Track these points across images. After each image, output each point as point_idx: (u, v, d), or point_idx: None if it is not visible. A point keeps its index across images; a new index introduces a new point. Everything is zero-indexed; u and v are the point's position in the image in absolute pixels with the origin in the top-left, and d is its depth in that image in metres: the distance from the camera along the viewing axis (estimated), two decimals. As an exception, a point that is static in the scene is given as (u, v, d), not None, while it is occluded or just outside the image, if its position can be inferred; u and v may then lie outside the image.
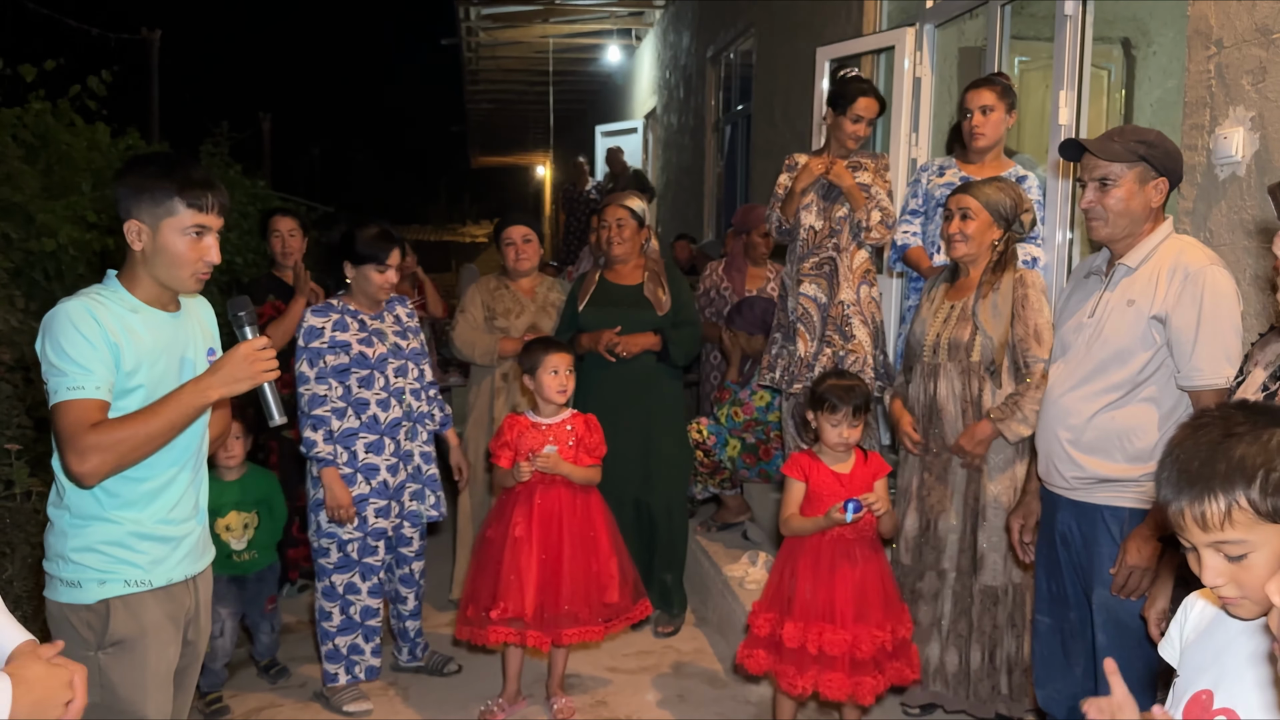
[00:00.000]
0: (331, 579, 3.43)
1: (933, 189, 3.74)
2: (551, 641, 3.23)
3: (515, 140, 20.13)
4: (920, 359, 3.09)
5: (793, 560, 2.96)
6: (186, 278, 2.10)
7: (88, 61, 6.14)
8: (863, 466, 2.97)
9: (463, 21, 10.55)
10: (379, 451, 3.41)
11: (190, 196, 2.05)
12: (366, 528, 3.40)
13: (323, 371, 3.37)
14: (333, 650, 3.46)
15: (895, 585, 3.00)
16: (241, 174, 8.27)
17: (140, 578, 2.06)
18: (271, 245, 4.51)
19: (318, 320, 3.40)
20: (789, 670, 2.87)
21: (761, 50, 7.06)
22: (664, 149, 10.51)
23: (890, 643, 2.86)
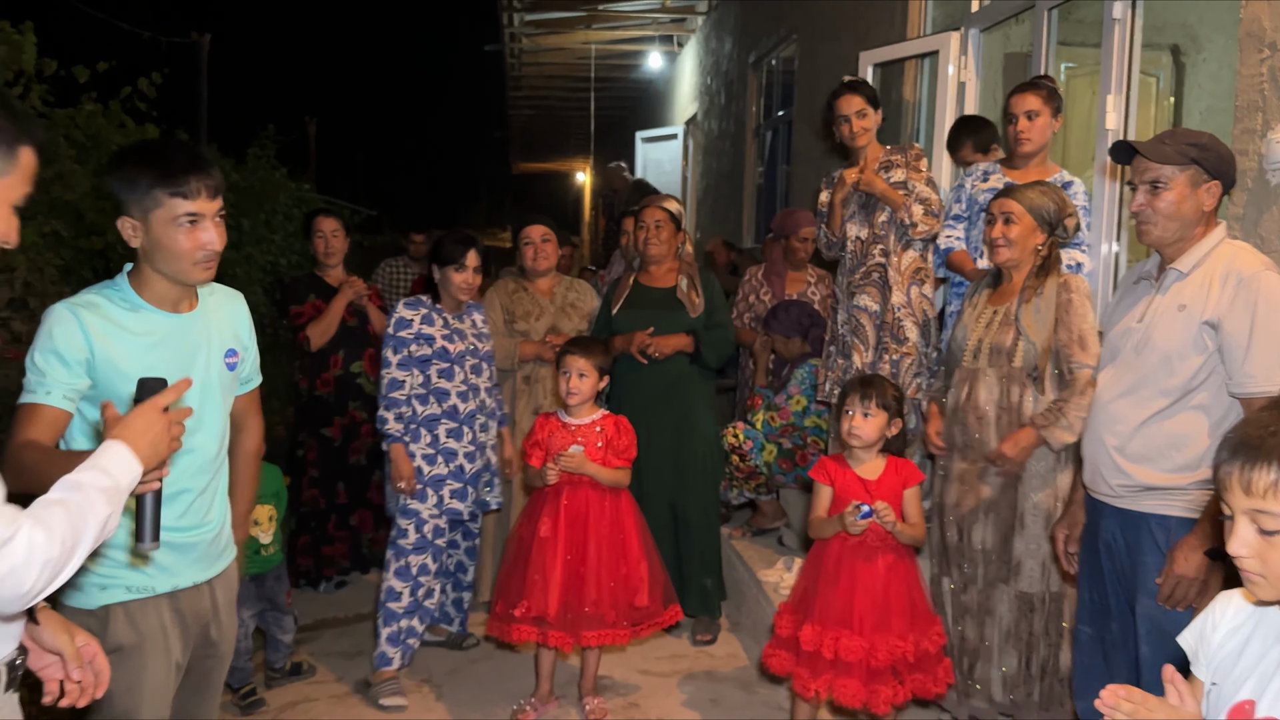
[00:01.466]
0: (408, 559, 3.56)
1: (976, 193, 3.70)
2: (574, 642, 3.24)
3: (556, 146, 20.23)
4: (960, 364, 3.06)
5: (816, 564, 2.95)
6: (189, 269, 1.98)
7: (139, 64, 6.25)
8: (892, 474, 2.94)
9: (506, 28, 10.62)
10: (458, 438, 3.62)
11: (173, 185, 1.91)
12: (443, 506, 3.59)
13: (405, 360, 3.56)
14: (395, 633, 3.54)
15: (925, 596, 2.96)
16: (287, 177, 8.38)
17: (143, 584, 2.01)
18: (314, 245, 4.56)
19: (408, 313, 3.61)
20: (803, 673, 2.86)
21: (803, 55, 7.03)
22: (704, 155, 10.51)
23: (912, 654, 2.82)
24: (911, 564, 2.94)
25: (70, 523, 1.28)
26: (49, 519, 1.27)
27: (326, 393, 4.55)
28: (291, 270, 7.08)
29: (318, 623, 4.21)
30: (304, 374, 4.58)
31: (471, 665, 3.81)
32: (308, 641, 3.99)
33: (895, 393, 2.97)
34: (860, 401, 2.91)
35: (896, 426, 2.95)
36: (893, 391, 2.97)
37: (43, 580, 1.25)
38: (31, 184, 1.47)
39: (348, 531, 4.63)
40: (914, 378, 3.71)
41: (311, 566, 4.56)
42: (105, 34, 8.50)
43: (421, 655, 3.79)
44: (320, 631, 4.13)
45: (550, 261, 4.22)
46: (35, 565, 1.24)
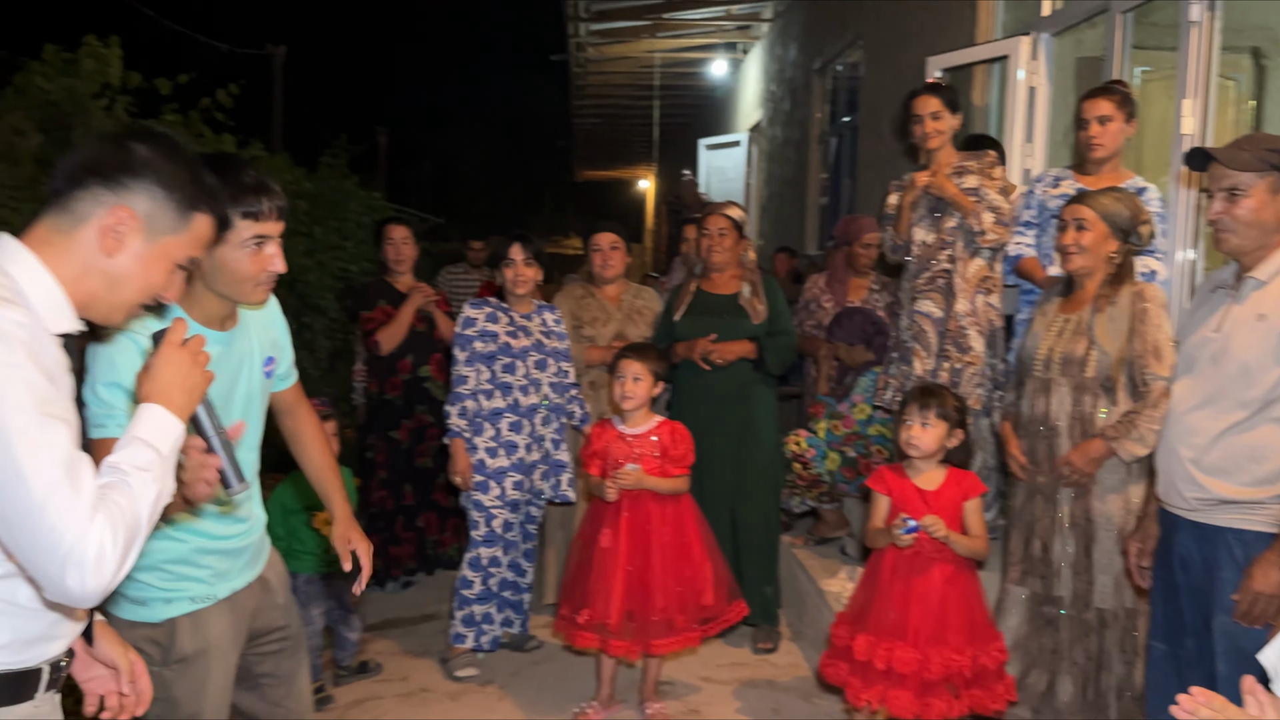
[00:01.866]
0: (479, 551, 3.74)
1: (1047, 200, 3.64)
2: (642, 650, 3.26)
3: (619, 154, 20.33)
4: (1031, 374, 3.01)
5: (873, 574, 2.93)
6: (250, 290, 1.96)
7: (217, 76, 6.44)
8: (952, 485, 2.89)
9: (572, 37, 10.72)
10: (518, 431, 3.77)
11: (245, 205, 1.87)
12: (505, 497, 3.73)
13: (472, 356, 3.72)
14: (468, 615, 3.75)
15: (986, 611, 2.91)
16: (358, 185, 8.57)
17: (205, 593, 2.03)
18: (385, 252, 4.66)
19: (473, 312, 3.79)
20: (855, 683, 2.85)
21: (869, 61, 6.98)
22: (767, 162, 10.48)
23: (969, 668, 2.77)
24: (971, 577, 2.89)
25: (125, 515, 1.30)
26: (111, 511, 1.29)
27: (395, 396, 4.64)
28: (362, 277, 7.22)
29: (385, 622, 4.29)
30: (373, 378, 4.68)
31: (534, 667, 3.85)
32: (375, 640, 4.07)
33: (957, 403, 2.93)
34: (919, 411, 2.88)
35: (957, 438, 2.91)
36: (954, 402, 2.93)
37: (110, 575, 1.28)
38: (202, 250, 1.54)
39: (414, 533, 4.72)
40: (976, 388, 3.65)
41: (380, 566, 4.65)
42: (185, 47, 8.78)
43: (485, 655, 3.84)
44: (387, 630, 4.21)
45: (618, 269, 4.27)
46: (108, 561, 1.27)
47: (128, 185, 1.41)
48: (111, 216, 1.40)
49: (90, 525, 1.25)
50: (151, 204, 1.43)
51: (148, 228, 1.43)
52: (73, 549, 1.24)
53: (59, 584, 1.25)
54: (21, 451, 1.23)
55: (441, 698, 3.60)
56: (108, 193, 1.40)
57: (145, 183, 1.42)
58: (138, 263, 1.44)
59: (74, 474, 1.26)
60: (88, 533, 1.25)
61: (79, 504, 1.25)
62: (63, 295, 1.39)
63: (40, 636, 1.40)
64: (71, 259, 1.40)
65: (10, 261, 1.37)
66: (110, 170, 1.41)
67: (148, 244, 1.44)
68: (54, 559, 1.24)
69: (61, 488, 1.24)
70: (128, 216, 1.41)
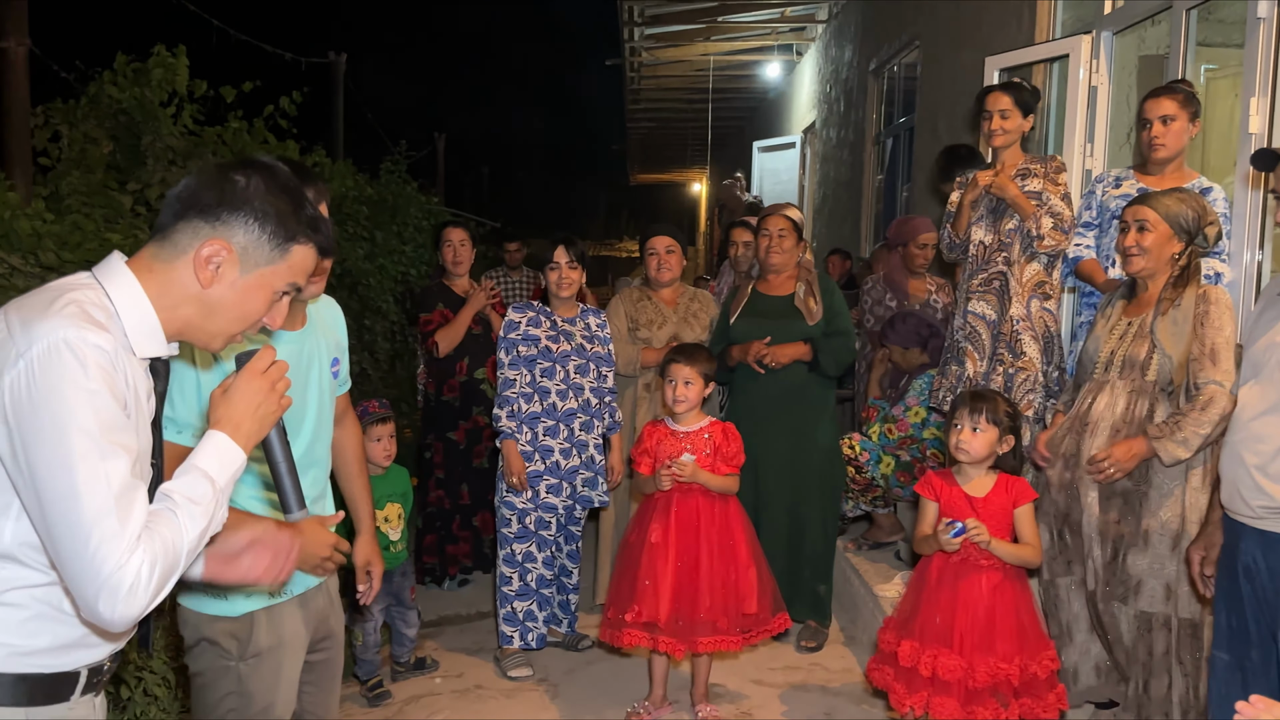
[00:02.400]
0: (512, 547, 3.79)
1: (1108, 201, 3.58)
2: (686, 649, 3.26)
3: (673, 157, 20.39)
4: (1090, 376, 2.97)
5: (920, 580, 2.91)
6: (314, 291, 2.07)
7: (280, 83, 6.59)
8: (1002, 492, 2.85)
9: (627, 42, 10.78)
10: (554, 436, 3.78)
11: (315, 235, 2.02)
12: (539, 500, 3.78)
13: (515, 360, 3.78)
14: (510, 614, 3.79)
15: (1037, 619, 2.86)
16: (417, 191, 8.70)
17: (284, 588, 2.08)
18: (443, 254, 4.74)
19: (516, 315, 3.84)
20: (899, 689, 2.83)
21: (926, 62, 6.92)
22: (822, 163, 10.42)
23: (1018, 677, 2.73)
24: (1022, 585, 2.85)
25: (166, 549, 1.33)
26: (153, 543, 1.32)
27: (452, 398, 4.72)
28: (421, 280, 7.34)
29: (441, 619, 4.36)
30: (431, 379, 4.76)
31: (587, 666, 3.88)
32: (432, 637, 4.14)
33: (1009, 408, 2.89)
34: (969, 416, 2.84)
35: (1008, 444, 2.87)
36: (1006, 407, 2.88)
37: (141, 606, 1.31)
38: (304, 279, 1.55)
39: (470, 531, 4.78)
40: (1028, 393, 3.61)
41: (437, 564, 4.72)
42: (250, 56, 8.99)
43: (538, 655, 3.89)
44: (443, 628, 4.28)
45: (674, 272, 4.28)
46: (141, 593, 1.30)
47: (224, 219, 1.44)
48: (207, 249, 1.43)
49: (130, 557, 1.28)
50: (247, 237, 1.46)
51: (243, 259, 1.46)
52: (109, 578, 1.27)
53: (91, 607, 1.29)
54: (80, 475, 1.27)
55: (496, 695, 3.65)
56: (205, 225, 1.44)
57: (242, 216, 1.45)
58: (234, 293, 1.46)
59: (125, 505, 1.30)
60: (126, 564, 1.28)
61: (123, 535, 1.28)
62: (156, 321, 1.43)
63: (79, 643, 1.44)
64: (171, 288, 1.44)
65: (112, 283, 1.42)
66: (208, 204, 1.44)
67: (244, 275, 1.46)
68: (91, 583, 1.28)
69: (109, 517, 1.28)
70: (222, 249, 1.44)
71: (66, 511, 1.27)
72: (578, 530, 3.98)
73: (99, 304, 1.38)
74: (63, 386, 1.28)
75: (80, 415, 1.28)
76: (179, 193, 1.46)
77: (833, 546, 4.11)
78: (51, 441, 1.27)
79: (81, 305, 1.35)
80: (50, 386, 1.28)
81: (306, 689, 2.25)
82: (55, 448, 1.27)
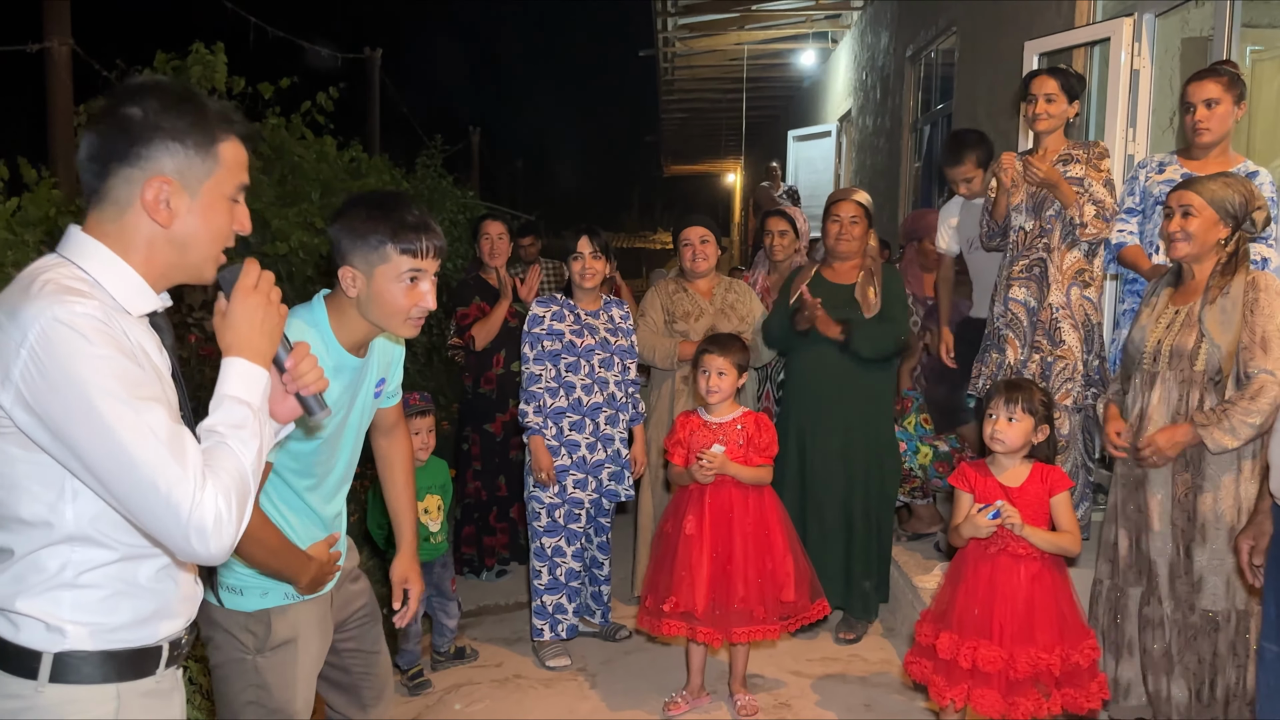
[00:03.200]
0: (541, 540, 3.81)
1: (1151, 186, 3.52)
2: (723, 638, 3.27)
3: (707, 148, 20.31)
4: (1139, 367, 2.92)
5: (957, 571, 2.88)
6: (400, 323, 2.00)
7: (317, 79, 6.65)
8: (1037, 481, 2.82)
9: (660, 33, 10.75)
10: (580, 430, 3.79)
11: (404, 242, 1.93)
12: (565, 495, 3.78)
13: (540, 354, 3.77)
14: (540, 607, 3.83)
15: (1077, 608, 2.83)
16: (452, 184, 8.74)
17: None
18: (480, 247, 4.76)
19: (540, 310, 3.82)
20: (939, 681, 2.81)
21: (964, 48, 6.84)
22: (858, 152, 10.34)
23: (1059, 667, 2.70)
24: (1060, 574, 2.81)
25: (233, 477, 1.36)
26: (219, 477, 1.34)
27: (489, 390, 4.75)
28: (456, 274, 7.38)
29: (480, 609, 4.40)
30: (468, 372, 4.79)
31: (625, 656, 3.90)
32: (471, 627, 4.17)
33: (1044, 397, 2.85)
34: (1004, 405, 2.81)
35: (1044, 433, 2.83)
36: (1040, 396, 2.84)
37: (232, 534, 1.34)
38: (245, 173, 1.50)
39: (507, 523, 4.82)
40: (1066, 382, 3.56)
41: (475, 555, 4.77)
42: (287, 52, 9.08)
43: (576, 645, 3.91)
44: (482, 618, 4.32)
45: (709, 262, 4.23)
46: (227, 523, 1.33)
47: (146, 155, 1.39)
48: (149, 191, 1.39)
49: (203, 494, 1.31)
50: (175, 161, 1.40)
51: (185, 184, 1.41)
52: (190, 517, 1.30)
53: (187, 550, 1.32)
54: (126, 439, 1.29)
55: (535, 684, 3.68)
56: (133, 169, 1.39)
57: (159, 144, 1.39)
58: (195, 219, 1.43)
59: (178, 449, 1.31)
60: (201, 501, 1.30)
61: (187, 476, 1.30)
62: (138, 278, 1.42)
63: (157, 614, 1.47)
64: (135, 241, 1.41)
65: (82, 255, 1.40)
66: (123, 149, 1.39)
67: (195, 198, 1.43)
68: (177, 530, 1.31)
69: (169, 465, 1.30)
70: (163, 184, 1.40)
71: (126, 476, 1.29)
72: (607, 522, 3.99)
73: (76, 277, 1.37)
74: (72, 362, 1.28)
75: (100, 381, 1.29)
76: (90, 152, 1.40)
77: (882, 540, 4.04)
78: (82, 417, 1.28)
79: (59, 281, 1.34)
80: (60, 365, 1.28)
81: (351, 658, 2.27)
82: (89, 421, 1.28)
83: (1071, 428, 3.61)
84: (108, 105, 1.40)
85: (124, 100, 1.39)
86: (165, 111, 1.39)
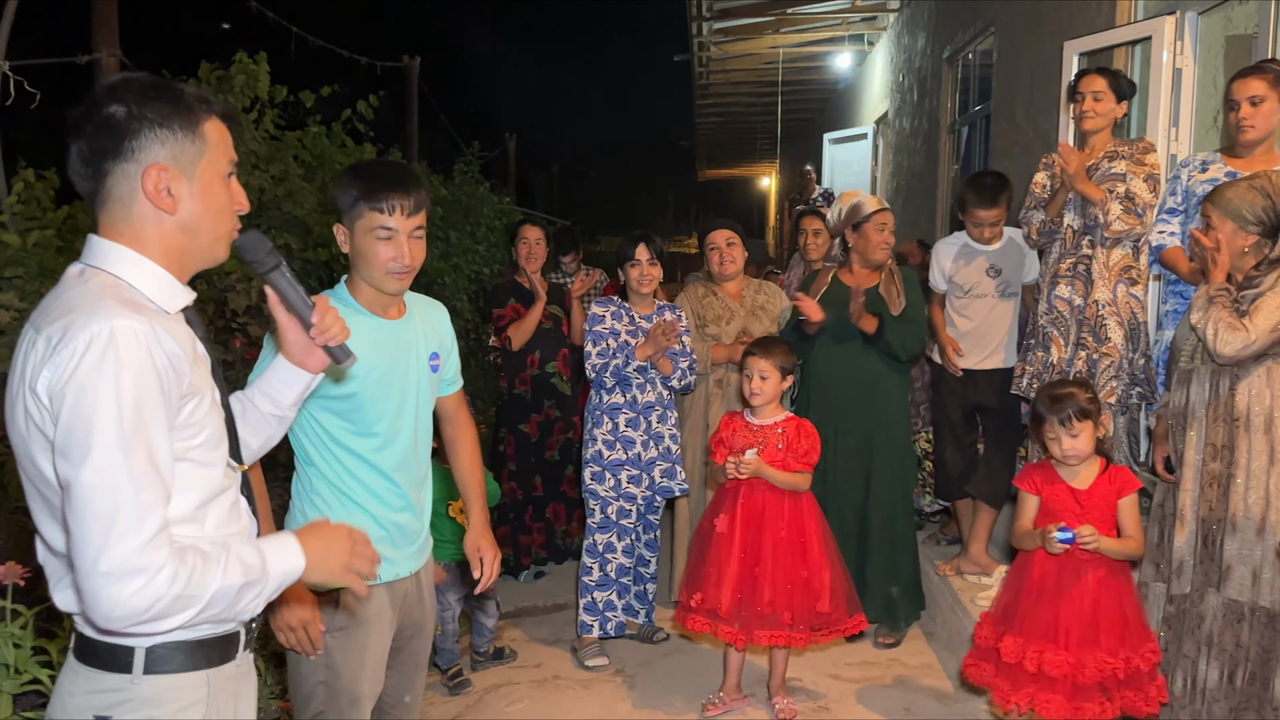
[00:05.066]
0: (595, 537, 3.89)
1: (1194, 185, 3.48)
2: (746, 640, 3.27)
3: (742, 152, 20.28)
4: (1178, 365, 2.89)
5: (1021, 574, 2.86)
6: (381, 277, 2.13)
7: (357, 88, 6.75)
8: (1104, 482, 2.79)
9: (695, 37, 10.75)
10: (635, 428, 3.87)
11: (373, 199, 2.08)
12: (621, 490, 3.85)
13: (604, 351, 3.85)
14: (590, 603, 3.90)
15: (1139, 611, 2.80)
16: (489, 190, 8.81)
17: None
18: (518, 250, 4.80)
19: (599, 309, 3.93)
20: (1003, 685, 2.79)
21: (1003, 48, 6.78)
22: (895, 153, 10.28)
23: (1123, 671, 2.68)
24: (1124, 578, 2.79)
25: (194, 579, 1.31)
26: (186, 565, 1.31)
27: (524, 391, 4.79)
28: (494, 279, 7.44)
29: (518, 610, 4.43)
30: (503, 373, 4.84)
31: (663, 658, 3.91)
32: (509, 628, 4.20)
33: (1088, 394, 2.83)
34: (1062, 425, 2.77)
35: (1104, 427, 2.82)
36: (1086, 395, 2.81)
37: (150, 617, 1.29)
38: (232, 150, 1.51)
39: (543, 523, 4.85)
40: (1111, 379, 3.52)
41: (510, 556, 4.80)
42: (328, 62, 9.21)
43: (614, 647, 3.93)
44: (520, 619, 4.35)
45: (737, 265, 4.23)
46: (151, 600, 1.28)
47: (137, 147, 1.40)
48: (149, 182, 1.40)
49: (145, 556, 1.27)
50: (166, 147, 1.41)
51: (181, 168, 1.43)
52: (110, 566, 1.26)
53: (88, 593, 1.28)
54: (101, 473, 1.27)
55: (573, 684, 3.70)
56: (128, 164, 1.40)
57: (147, 133, 1.40)
58: (198, 202, 1.45)
59: (146, 502, 1.29)
60: (139, 563, 1.26)
61: (140, 531, 1.28)
62: (165, 273, 1.43)
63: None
64: (148, 235, 1.43)
65: (108, 260, 1.41)
66: (113, 147, 1.39)
67: (192, 181, 1.44)
68: (91, 566, 1.27)
69: (127, 509, 1.27)
70: (160, 171, 1.41)
71: (86, 503, 1.27)
72: (656, 519, 4.03)
73: (115, 285, 1.39)
74: (98, 375, 1.28)
75: (113, 406, 1.29)
76: (81, 158, 1.40)
77: (906, 544, 4.01)
78: (81, 431, 1.28)
79: (108, 293, 1.36)
80: (89, 381, 1.28)
81: (395, 671, 2.32)
82: (85, 439, 1.28)
83: (1116, 427, 3.57)
84: (85, 110, 1.40)
85: (101, 102, 1.40)
86: (145, 102, 1.40)
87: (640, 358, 3.79)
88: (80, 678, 1.43)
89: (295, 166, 5.79)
